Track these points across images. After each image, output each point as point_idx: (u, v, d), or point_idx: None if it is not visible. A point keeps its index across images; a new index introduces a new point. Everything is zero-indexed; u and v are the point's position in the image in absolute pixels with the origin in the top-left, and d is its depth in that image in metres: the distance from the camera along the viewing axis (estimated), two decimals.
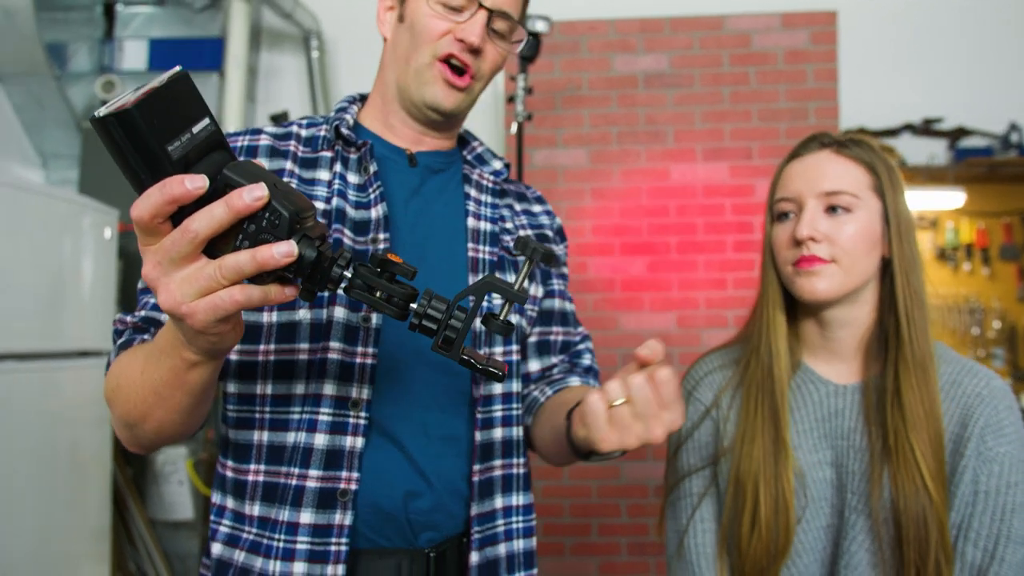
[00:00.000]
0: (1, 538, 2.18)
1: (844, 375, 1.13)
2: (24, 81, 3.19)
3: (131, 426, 0.85)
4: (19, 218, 2.30)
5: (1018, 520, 1.01)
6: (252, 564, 0.91)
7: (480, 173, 1.11)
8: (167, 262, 0.63)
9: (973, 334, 3.81)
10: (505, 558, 0.99)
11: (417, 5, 1.00)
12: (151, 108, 0.60)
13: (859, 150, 1.11)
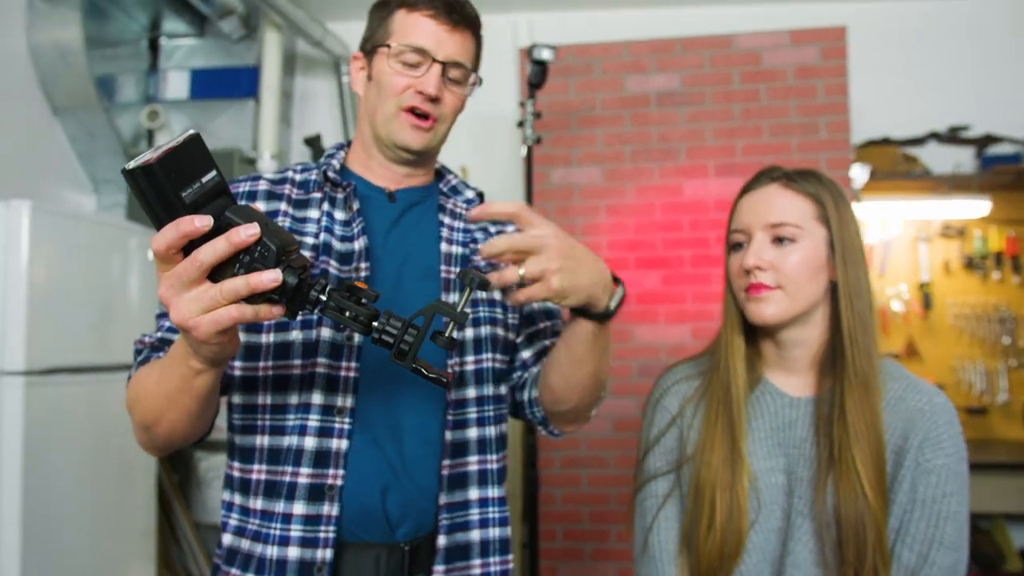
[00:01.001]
0: (58, 537, 2.36)
1: (799, 388, 1.22)
2: (77, 114, 3.41)
3: (147, 428, 1.00)
4: (73, 243, 2.49)
5: (950, 527, 1.09)
6: (254, 551, 1.05)
7: (454, 202, 1.25)
8: (178, 285, 0.79)
9: (1004, 343, 3.79)
10: (479, 543, 1.12)
11: (381, 65, 1.15)
12: (169, 163, 0.75)
13: (805, 183, 1.19)
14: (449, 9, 1.14)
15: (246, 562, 1.06)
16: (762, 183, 1.22)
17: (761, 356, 1.25)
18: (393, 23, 1.16)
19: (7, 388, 2.22)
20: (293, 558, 1.02)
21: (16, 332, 2.24)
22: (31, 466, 2.24)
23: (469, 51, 1.17)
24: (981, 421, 3.76)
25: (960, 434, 1.15)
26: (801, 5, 3.88)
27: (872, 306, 1.18)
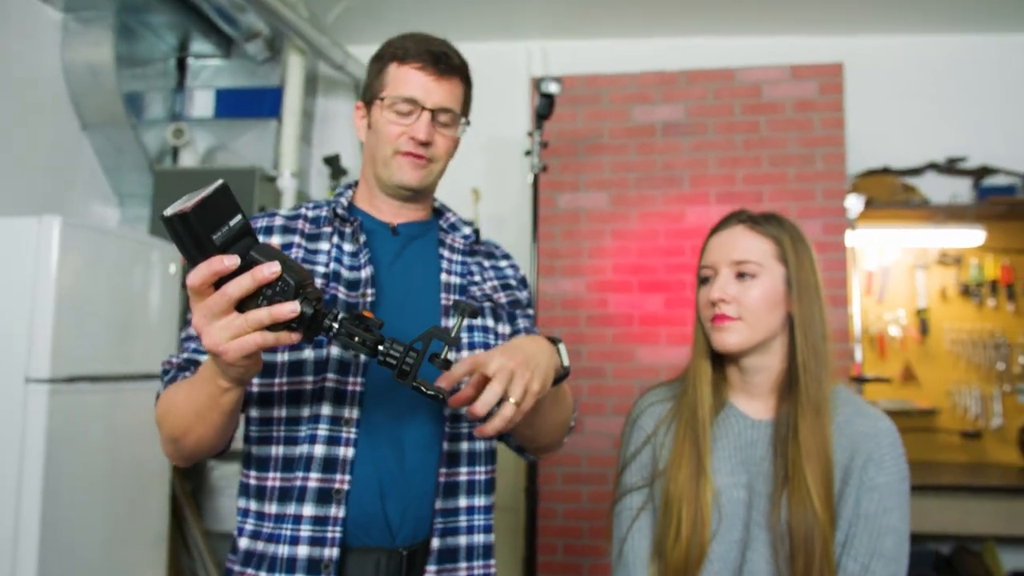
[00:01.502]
0: (74, 541, 2.45)
1: (760, 411, 1.33)
2: (105, 129, 3.55)
3: (175, 440, 1.11)
4: (98, 255, 2.60)
5: (890, 540, 1.20)
6: (268, 551, 1.16)
7: (453, 238, 1.36)
8: (210, 315, 0.89)
9: (998, 369, 3.87)
10: (465, 548, 1.22)
11: (377, 114, 1.27)
12: (202, 210, 0.87)
13: (768, 225, 1.31)
14: (435, 60, 1.26)
15: (260, 562, 1.16)
16: (729, 224, 1.35)
17: (727, 381, 1.36)
18: (387, 76, 1.28)
19: (32, 395, 2.33)
20: (303, 556, 1.13)
21: (42, 341, 2.35)
22: (52, 471, 2.34)
23: (457, 96, 1.29)
24: (976, 445, 3.84)
25: (902, 455, 1.26)
26: (810, 39, 4.01)
27: (826, 337, 1.29)
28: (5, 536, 2.27)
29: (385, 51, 1.32)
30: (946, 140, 4.01)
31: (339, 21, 3.89)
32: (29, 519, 2.28)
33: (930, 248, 3.97)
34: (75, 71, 3.41)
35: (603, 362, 3.06)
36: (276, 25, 3.41)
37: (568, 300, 3.11)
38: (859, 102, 3.91)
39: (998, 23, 3.92)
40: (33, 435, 2.30)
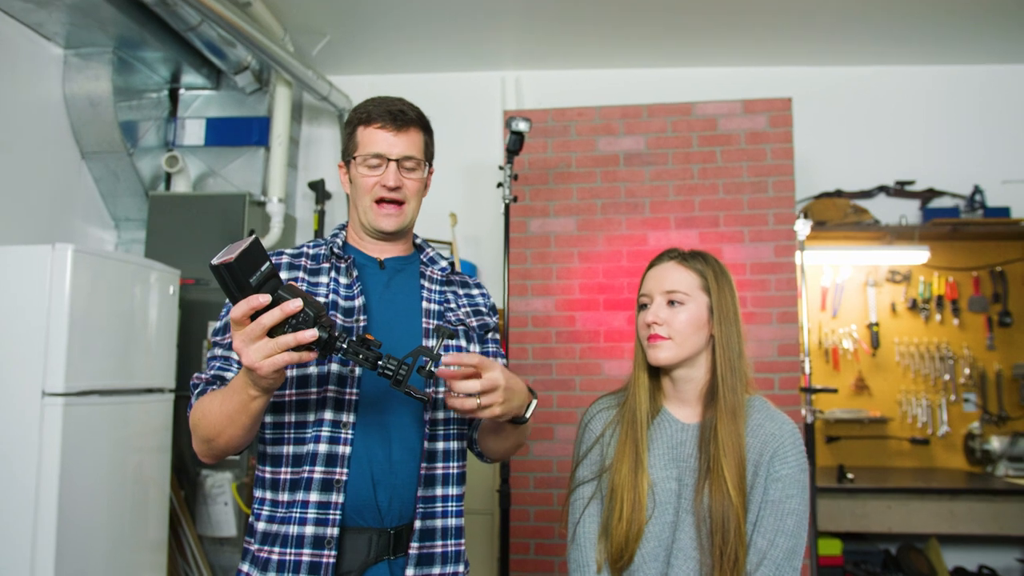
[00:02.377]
0: (80, 544, 2.64)
1: (688, 416, 1.58)
2: (103, 157, 3.76)
3: (209, 441, 1.35)
4: (100, 278, 2.80)
5: (791, 520, 1.45)
6: (281, 531, 1.39)
7: (432, 270, 1.61)
8: (248, 340, 1.15)
9: (944, 380, 4.14)
10: (441, 529, 1.47)
11: (354, 171, 1.52)
12: (242, 259, 1.13)
13: (695, 261, 1.57)
14: (393, 118, 1.49)
15: (275, 540, 1.39)
16: (663, 260, 1.61)
17: (662, 391, 1.62)
18: (356, 138, 1.51)
19: (49, 407, 2.54)
20: (310, 534, 1.37)
21: (57, 358, 2.56)
22: (66, 477, 2.54)
23: (417, 144, 1.52)
24: (924, 451, 4.11)
25: (802, 452, 1.51)
26: (765, 69, 4.32)
27: (741, 355, 1.55)
28: (24, 536, 2.47)
29: (352, 117, 1.54)
30: (898, 164, 4.30)
31: (323, 54, 4.13)
32: (46, 521, 2.48)
33: (880, 266, 4.25)
34: (76, 103, 3.63)
35: (572, 375, 3.30)
36: (263, 59, 3.63)
37: (539, 318, 3.35)
38: (813, 128, 4.21)
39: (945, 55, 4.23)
40: (50, 444, 2.51)
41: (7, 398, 2.53)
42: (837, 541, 3.51)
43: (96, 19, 3.29)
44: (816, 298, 4.24)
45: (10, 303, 2.58)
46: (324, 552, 1.36)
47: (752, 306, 3.25)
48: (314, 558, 1.36)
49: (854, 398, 4.17)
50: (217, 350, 1.46)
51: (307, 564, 1.36)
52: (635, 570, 1.51)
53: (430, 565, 1.44)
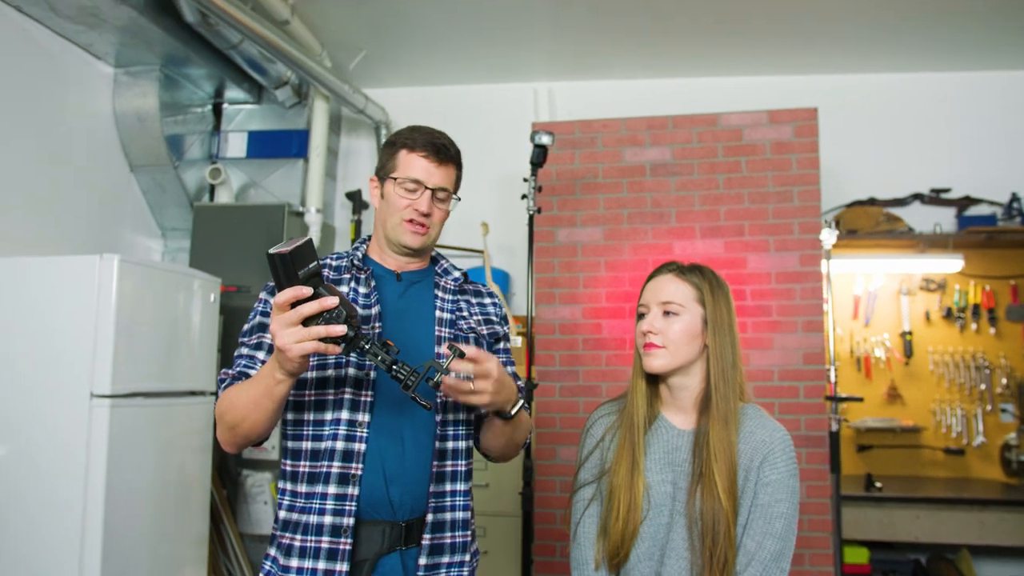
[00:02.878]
0: (126, 538, 2.78)
1: (684, 423, 1.64)
2: (150, 170, 3.95)
3: (233, 427, 1.45)
4: (148, 286, 2.95)
5: (779, 524, 1.51)
6: (302, 520, 1.50)
7: (446, 281, 1.71)
8: (285, 324, 1.26)
9: (980, 389, 4.10)
10: (450, 522, 1.58)
11: (389, 189, 1.61)
12: (295, 253, 1.26)
13: (691, 275, 1.63)
14: (437, 151, 1.59)
15: (296, 528, 1.50)
16: (662, 272, 1.68)
17: (659, 397, 1.68)
18: (398, 159, 1.61)
19: (96, 408, 2.69)
20: (328, 524, 1.47)
21: (104, 362, 2.71)
22: (112, 475, 2.69)
23: (451, 179, 1.63)
24: (959, 461, 4.07)
25: (792, 459, 1.56)
26: (802, 78, 4.34)
27: (735, 365, 1.61)
28: (74, 530, 2.62)
29: (397, 139, 1.64)
30: (934, 172, 4.28)
31: (359, 67, 4.26)
32: (94, 517, 2.63)
33: (914, 275, 4.22)
34: (124, 119, 3.81)
35: (598, 381, 3.36)
36: (301, 74, 3.78)
37: (566, 325, 3.41)
38: (844, 136, 4.21)
39: (969, 61, 4.21)
40: (97, 444, 2.66)
41: (58, 399, 2.69)
42: (864, 550, 3.50)
43: (143, 39, 3.46)
44: (848, 307, 4.23)
45: (60, 310, 2.74)
46: (341, 540, 1.47)
47: (777, 315, 3.27)
48: (332, 545, 1.47)
49: (886, 407, 4.15)
50: (244, 349, 1.57)
51: (326, 551, 1.47)
52: (631, 568, 1.58)
53: (440, 555, 1.56)
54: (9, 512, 2.67)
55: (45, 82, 3.39)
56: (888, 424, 4.08)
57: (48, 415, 2.69)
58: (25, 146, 3.27)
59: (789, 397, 3.24)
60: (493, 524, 3.44)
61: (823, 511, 3.16)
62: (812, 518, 3.16)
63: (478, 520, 3.38)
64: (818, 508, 3.16)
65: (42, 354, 2.73)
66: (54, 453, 2.67)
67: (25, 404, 2.71)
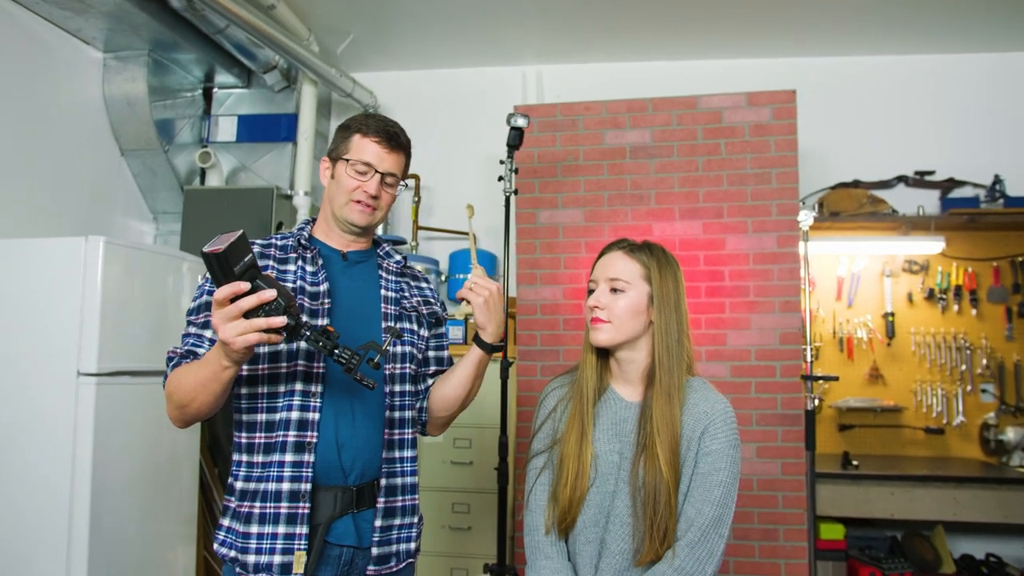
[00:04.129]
0: (118, 518, 2.86)
1: (632, 395, 1.70)
2: (141, 154, 4.00)
3: (182, 407, 1.52)
4: (135, 268, 3.01)
5: (718, 491, 1.57)
6: (260, 488, 1.58)
7: (388, 263, 1.80)
8: (226, 319, 1.32)
9: (961, 370, 4.14)
10: (400, 486, 1.68)
11: (340, 170, 1.69)
12: (230, 249, 1.30)
13: (640, 253, 1.69)
14: (389, 138, 1.68)
15: (255, 496, 1.58)
16: (612, 250, 1.75)
17: (609, 370, 1.74)
18: (351, 142, 1.69)
19: (83, 386, 2.76)
20: (286, 490, 1.56)
21: (90, 341, 2.78)
22: (99, 452, 2.76)
23: (400, 166, 1.72)
24: (938, 440, 4.12)
25: (733, 429, 1.62)
26: (782, 59, 4.37)
27: (680, 341, 1.67)
28: (61, 509, 2.70)
29: (352, 124, 1.72)
30: (918, 154, 4.31)
31: (347, 51, 4.30)
32: (81, 494, 2.70)
33: (897, 256, 4.26)
34: (114, 103, 3.86)
35: (579, 360, 3.41)
36: (289, 59, 3.82)
37: (547, 306, 3.47)
38: (827, 118, 4.24)
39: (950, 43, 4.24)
40: (84, 420, 2.73)
41: (46, 377, 2.76)
42: (839, 526, 3.57)
43: (131, 24, 3.51)
44: (831, 288, 4.27)
45: (48, 290, 2.80)
46: (300, 505, 1.56)
47: (755, 295, 3.32)
48: (291, 510, 1.55)
49: (868, 387, 4.20)
50: (191, 328, 1.63)
51: (285, 515, 1.55)
52: (577, 533, 1.65)
53: (393, 516, 1.66)
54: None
55: (35, 68, 3.44)
56: (869, 404, 4.14)
57: (36, 393, 2.76)
58: (16, 131, 3.33)
59: (766, 376, 3.29)
60: (476, 500, 3.52)
61: (798, 488, 3.22)
62: (787, 495, 3.22)
63: (463, 497, 3.48)
64: (793, 485, 3.22)
65: (30, 333, 2.80)
66: (42, 430, 2.74)
67: (13, 382, 2.79)
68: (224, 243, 1.29)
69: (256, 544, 1.55)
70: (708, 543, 1.55)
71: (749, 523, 3.20)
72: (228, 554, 1.60)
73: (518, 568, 3.01)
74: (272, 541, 1.55)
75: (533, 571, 1.68)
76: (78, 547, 2.69)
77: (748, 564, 3.19)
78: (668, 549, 1.56)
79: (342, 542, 1.60)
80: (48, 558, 2.68)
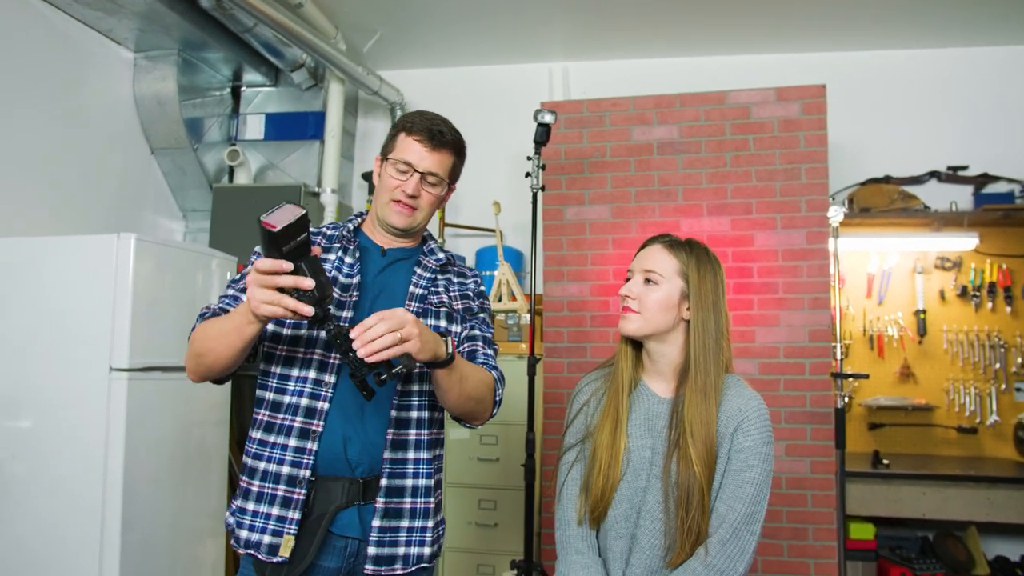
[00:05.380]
0: (148, 512, 2.89)
1: (664, 391, 1.69)
2: (170, 153, 4.04)
3: (200, 355, 1.53)
4: (166, 265, 3.05)
5: (750, 488, 1.56)
6: (259, 466, 1.59)
7: (428, 259, 1.78)
8: (260, 287, 1.34)
9: (995, 368, 4.07)
10: (410, 488, 1.65)
11: (384, 169, 1.69)
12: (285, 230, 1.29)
13: (679, 249, 1.69)
14: (432, 136, 1.65)
15: (253, 474, 1.60)
16: (654, 243, 1.74)
17: (642, 364, 1.73)
18: (396, 141, 1.68)
19: (115, 381, 2.79)
20: (285, 473, 1.56)
21: (122, 337, 2.81)
22: (131, 446, 2.79)
23: (445, 165, 1.68)
24: (971, 440, 4.05)
25: (766, 426, 1.60)
26: (812, 54, 4.32)
27: (717, 340, 1.65)
28: (94, 502, 2.73)
29: (400, 121, 1.70)
30: (951, 149, 4.24)
31: (374, 49, 4.32)
32: (113, 488, 2.74)
33: (929, 253, 4.19)
34: (144, 102, 3.91)
35: (606, 357, 3.40)
36: (316, 58, 3.84)
37: (574, 302, 3.46)
38: (858, 113, 4.19)
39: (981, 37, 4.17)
40: (116, 415, 2.77)
41: (79, 373, 2.79)
42: (870, 526, 3.52)
43: (161, 24, 3.55)
44: (862, 285, 4.21)
45: (81, 287, 2.84)
46: (296, 490, 1.56)
47: (784, 292, 3.28)
48: (287, 494, 1.56)
49: (899, 385, 4.14)
50: (229, 290, 1.67)
51: (281, 498, 1.56)
52: (608, 528, 1.64)
53: (399, 518, 1.63)
54: (33, 482, 2.79)
55: (68, 68, 3.49)
56: (900, 402, 4.08)
57: (70, 388, 2.80)
58: (49, 130, 3.38)
59: (795, 374, 3.26)
60: (503, 497, 3.52)
61: (828, 487, 3.18)
62: (816, 494, 3.19)
63: (489, 493, 3.48)
64: (823, 484, 3.19)
65: (64, 330, 2.83)
66: (76, 425, 2.78)
67: (48, 378, 2.82)
68: (282, 221, 1.29)
69: (250, 521, 1.57)
70: (740, 540, 1.54)
71: (778, 522, 3.17)
72: (232, 523, 1.62)
73: (545, 565, 3.00)
74: (265, 521, 1.56)
75: (564, 565, 1.68)
76: (110, 541, 2.72)
77: (777, 563, 3.16)
78: (700, 546, 1.55)
79: (345, 533, 1.60)
80: (81, 551, 2.71)
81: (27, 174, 3.27)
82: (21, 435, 2.82)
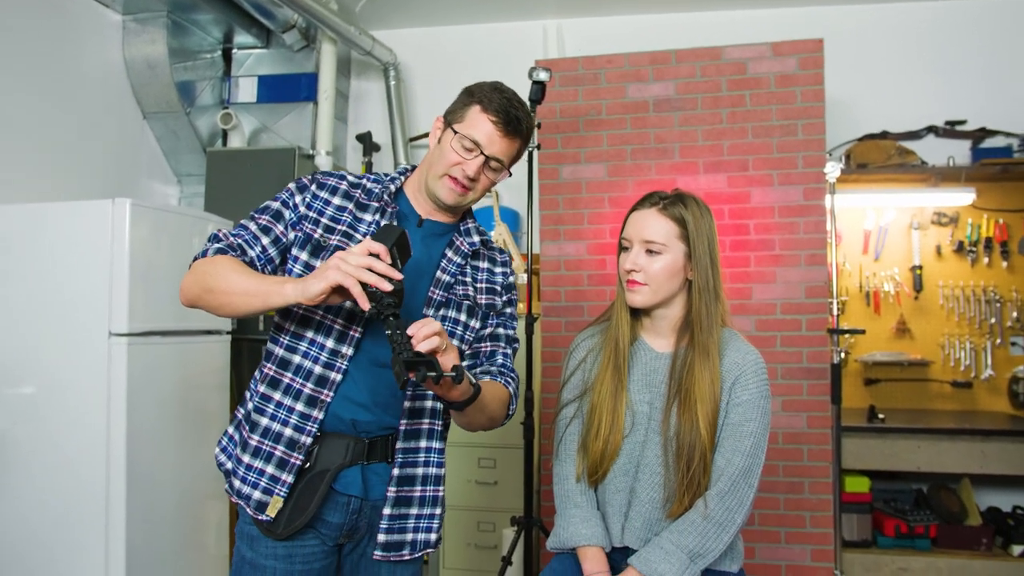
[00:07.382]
0: (151, 473, 2.92)
1: (662, 346, 1.70)
2: (163, 117, 4.01)
3: (208, 291, 1.46)
4: (162, 230, 3.04)
5: (748, 441, 1.58)
6: (261, 422, 1.55)
7: (462, 241, 1.68)
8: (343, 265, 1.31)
9: (990, 323, 4.09)
10: (421, 476, 1.63)
11: (448, 139, 1.56)
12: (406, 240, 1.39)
13: (675, 208, 1.67)
14: (508, 121, 1.53)
15: (255, 427, 1.56)
16: (644, 206, 1.71)
17: (640, 322, 1.74)
18: (468, 112, 1.55)
19: (115, 346, 2.80)
20: (287, 435, 1.53)
21: (121, 302, 2.82)
22: (133, 410, 2.82)
23: (511, 152, 1.58)
24: (966, 394, 4.09)
25: (764, 380, 1.62)
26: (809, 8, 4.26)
27: (717, 297, 1.66)
28: (98, 467, 2.77)
29: (477, 92, 1.57)
30: (949, 104, 4.21)
31: (367, 9, 4.26)
32: (116, 452, 2.77)
33: (926, 208, 4.19)
34: (135, 66, 3.87)
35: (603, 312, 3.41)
36: (308, 18, 3.79)
37: (571, 262, 3.46)
38: (855, 68, 4.15)
39: None
40: (117, 379, 2.79)
41: (79, 338, 2.81)
42: (865, 479, 3.57)
43: None
44: (858, 241, 4.21)
45: (77, 253, 2.84)
46: (294, 454, 1.53)
47: (780, 248, 3.29)
48: (285, 456, 1.53)
49: (895, 341, 4.16)
50: (251, 224, 1.57)
51: (278, 458, 1.53)
52: (607, 482, 1.68)
53: (408, 506, 1.62)
54: (36, 449, 2.82)
55: (56, 32, 3.45)
56: (896, 358, 4.11)
57: (70, 354, 2.82)
58: (40, 95, 3.35)
59: (791, 330, 3.28)
60: (502, 455, 3.56)
61: (824, 441, 3.22)
62: (812, 448, 3.22)
63: (489, 452, 3.52)
64: (819, 438, 3.22)
65: (62, 296, 2.84)
66: (78, 391, 2.80)
67: (48, 344, 2.84)
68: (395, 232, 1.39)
69: (244, 473, 1.55)
70: (738, 493, 1.56)
71: (775, 476, 3.21)
72: (225, 464, 1.60)
73: (545, 521, 3.05)
74: (258, 476, 1.53)
75: (563, 519, 1.70)
76: (116, 505, 2.76)
77: (773, 516, 3.22)
78: (699, 499, 1.57)
79: (348, 491, 1.56)
80: (86, 516, 2.76)
81: (19, 141, 3.24)
82: (23, 402, 2.84)
